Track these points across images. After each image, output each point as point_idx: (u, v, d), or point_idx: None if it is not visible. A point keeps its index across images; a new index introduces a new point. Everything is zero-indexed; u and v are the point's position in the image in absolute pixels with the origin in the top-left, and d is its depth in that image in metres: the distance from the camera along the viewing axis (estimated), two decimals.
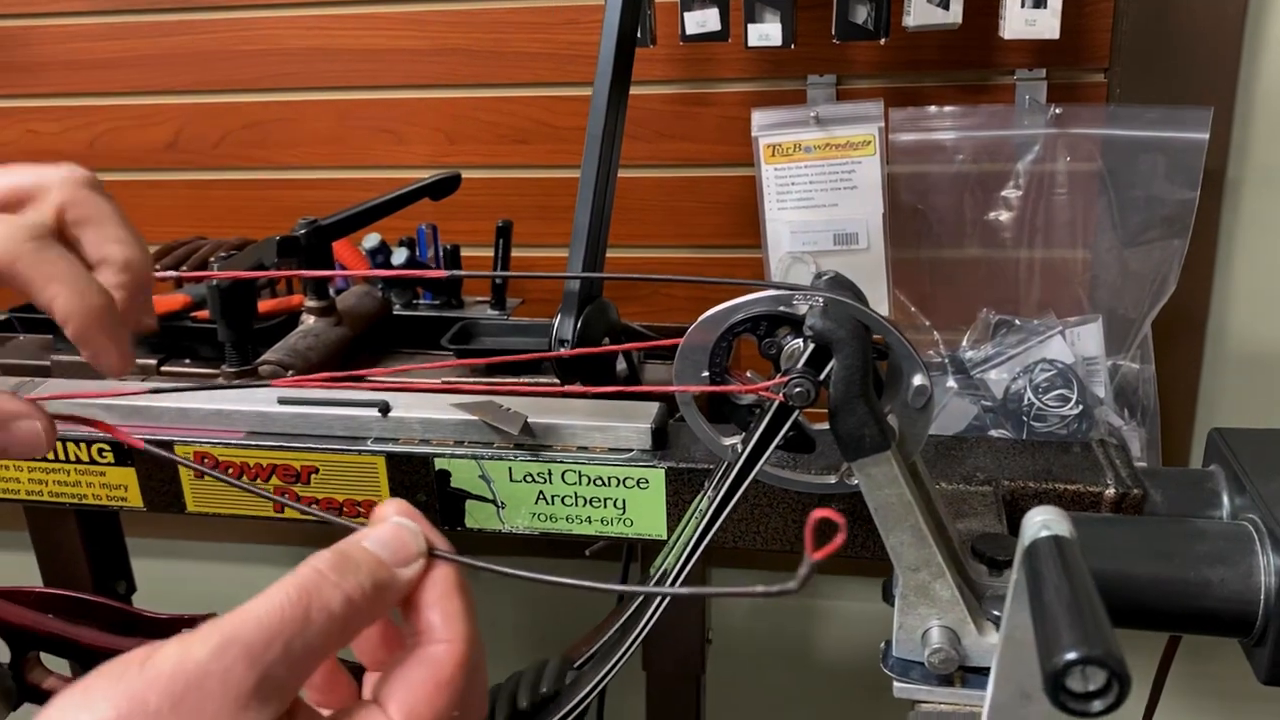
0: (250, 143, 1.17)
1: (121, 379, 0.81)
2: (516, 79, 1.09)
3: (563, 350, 0.72)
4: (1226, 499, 0.62)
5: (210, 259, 0.98)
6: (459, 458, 0.69)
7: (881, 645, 0.52)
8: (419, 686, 0.34)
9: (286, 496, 0.70)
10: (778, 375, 0.49)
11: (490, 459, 0.69)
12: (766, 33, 0.92)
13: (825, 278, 0.50)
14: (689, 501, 0.67)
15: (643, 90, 1.05)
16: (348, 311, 0.89)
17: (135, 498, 0.74)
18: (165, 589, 1.10)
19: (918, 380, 0.49)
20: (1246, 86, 0.97)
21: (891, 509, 0.48)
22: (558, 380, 0.77)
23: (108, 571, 0.99)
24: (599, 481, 0.69)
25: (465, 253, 1.02)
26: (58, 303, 0.40)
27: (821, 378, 0.48)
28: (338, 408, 0.70)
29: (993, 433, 0.89)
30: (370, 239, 0.98)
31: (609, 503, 0.69)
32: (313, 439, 0.70)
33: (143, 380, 0.84)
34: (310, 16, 1.11)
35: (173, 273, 0.71)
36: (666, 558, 0.59)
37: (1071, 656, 0.30)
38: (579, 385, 0.75)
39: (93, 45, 1.17)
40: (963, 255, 0.97)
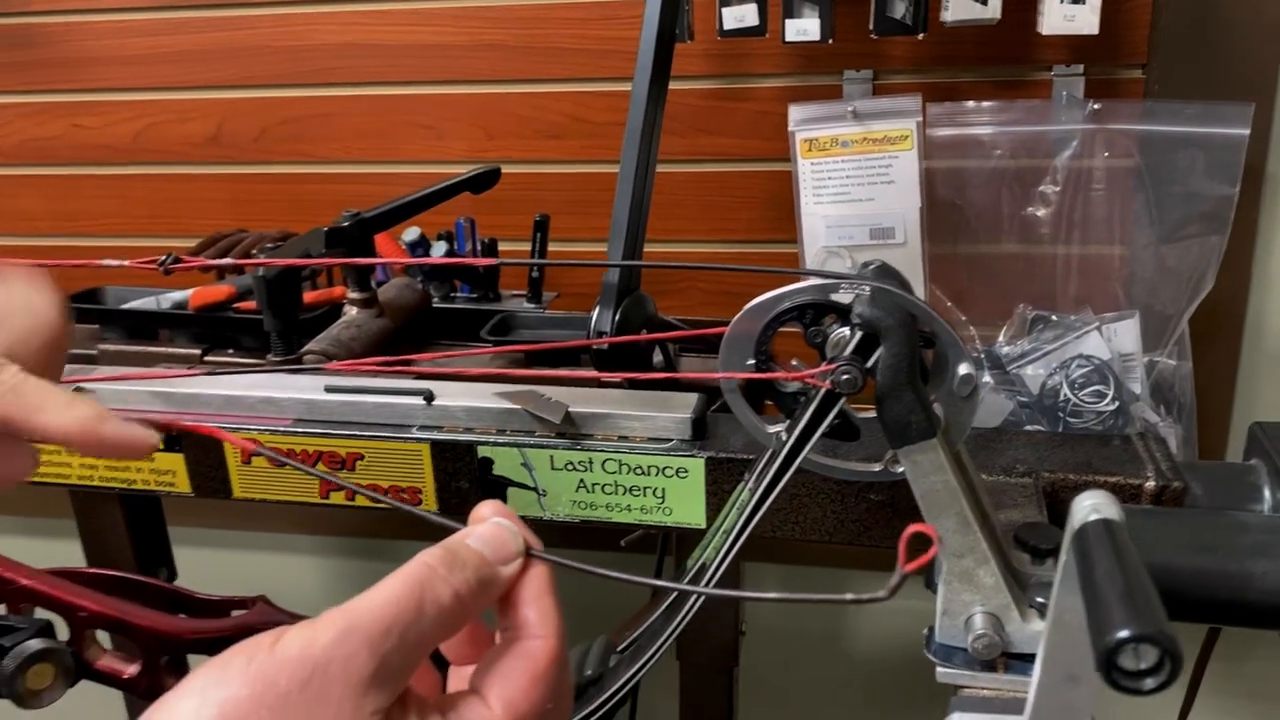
0: (290, 137, 1.18)
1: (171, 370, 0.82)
2: (552, 74, 1.10)
3: (603, 339, 0.73)
4: (1268, 492, 0.62)
5: (253, 250, 0.99)
6: (501, 445, 0.70)
7: (924, 631, 0.52)
8: (517, 679, 0.36)
9: (331, 484, 0.72)
10: (823, 363, 0.50)
11: (532, 447, 0.70)
12: (804, 28, 0.93)
13: (872, 267, 0.50)
14: (727, 491, 0.68)
15: (678, 85, 1.06)
16: (389, 303, 0.90)
17: (183, 483, 0.75)
18: (204, 576, 1.12)
19: (963, 369, 0.50)
20: None
21: (937, 496, 0.49)
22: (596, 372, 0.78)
23: (151, 558, 1.01)
24: (639, 470, 0.69)
25: (502, 246, 1.03)
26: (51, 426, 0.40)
27: (868, 365, 0.48)
28: (384, 395, 0.71)
29: (1028, 428, 0.89)
30: (410, 232, 0.99)
31: (648, 491, 0.70)
32: (359, 426, 0.71)
33: (188, 369, 0.86)
34: (350, 12, 1.13)
35: (228, 260, 0.72)
36: (706, 549, 0.59)
37: (1124, 634, 0.31)
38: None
39: (136, 41, 1.19)
40: (999, 251, 0.97)
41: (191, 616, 0.64)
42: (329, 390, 0.72)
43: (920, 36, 0.92)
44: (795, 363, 0.51)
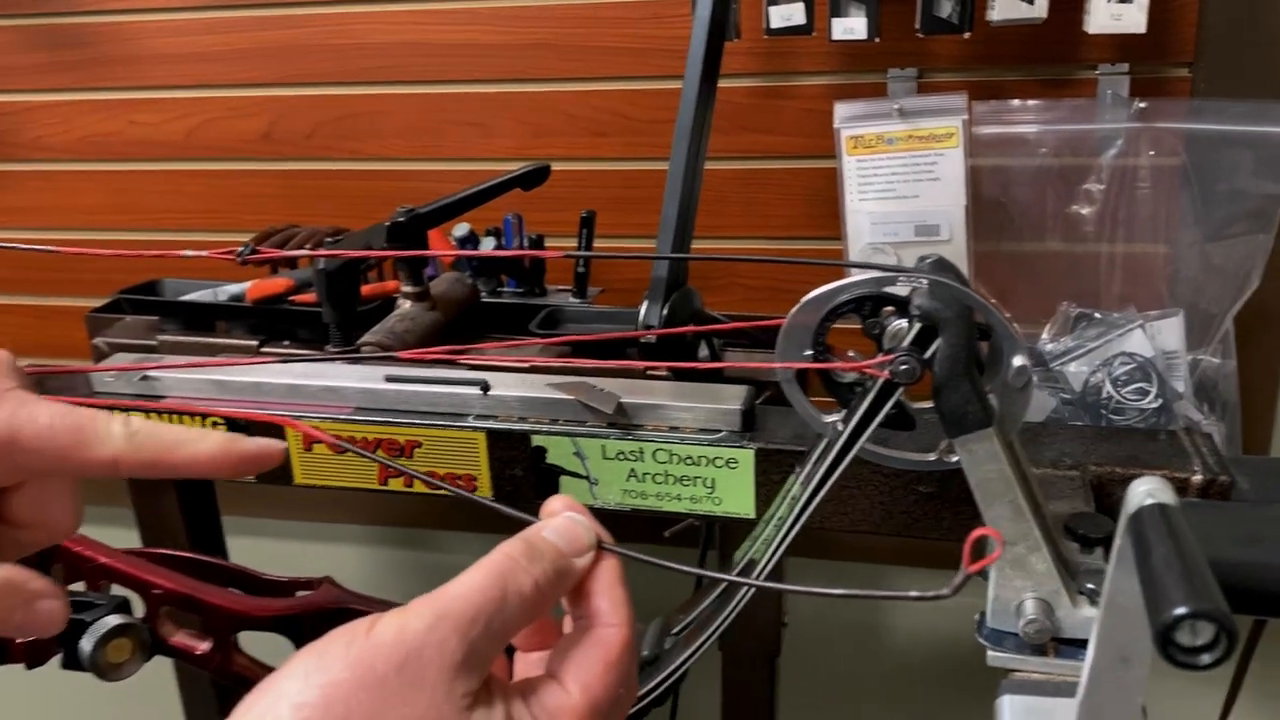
0: (341, 134, 1.21)
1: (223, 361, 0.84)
2: (598, 73, 1.12)
3: (651, 331, 0.75)
4: None
5: (308, 244, 1.01)
6: (555, 434, 0.72)
7: (975, 617, 0.53)
8: (592, 665, 0.38)
9: (389, 471, 0.74)
10: (880, 354, 0.51)
11: (585, 436, 0.72)
12: (851, 26, 0.94)
13: (929, 261, 0.51)
14: (776, 482, 0.69)
15: (724, 83, 1.06)
16: (440, 297, 0.92)
17: None
18: (253, 563, 1.14)
19: (1018, 361, 0.51)
20: None
21: (992, 484, 0.50)
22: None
23: (205, 545, 1.03)
24: (689, 460, 0.71)
25: (548, 242, 1.05)
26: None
27: (926, 356, 0.50)
28: (442, 385, 0.73)
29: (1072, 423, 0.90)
30: (460, 228, 1.01)
31: (698, 481, 0.71)
32: (417, 415, 0.73)
33: (248, 359, 0.88)
34: (400, 11, 1.15)
35: (298, 251, 0.74)
36: (756, 541, 0.61)
37: (1181, 611, 0.32)
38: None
39: (191, 40, 1.22)
40: (1044, 248, 0.98)
41: (264, 595, 0.66)
42: (389, 380, 0.74)
43: (966, 35, 0.93)
44: (853, 354, 0.53)
